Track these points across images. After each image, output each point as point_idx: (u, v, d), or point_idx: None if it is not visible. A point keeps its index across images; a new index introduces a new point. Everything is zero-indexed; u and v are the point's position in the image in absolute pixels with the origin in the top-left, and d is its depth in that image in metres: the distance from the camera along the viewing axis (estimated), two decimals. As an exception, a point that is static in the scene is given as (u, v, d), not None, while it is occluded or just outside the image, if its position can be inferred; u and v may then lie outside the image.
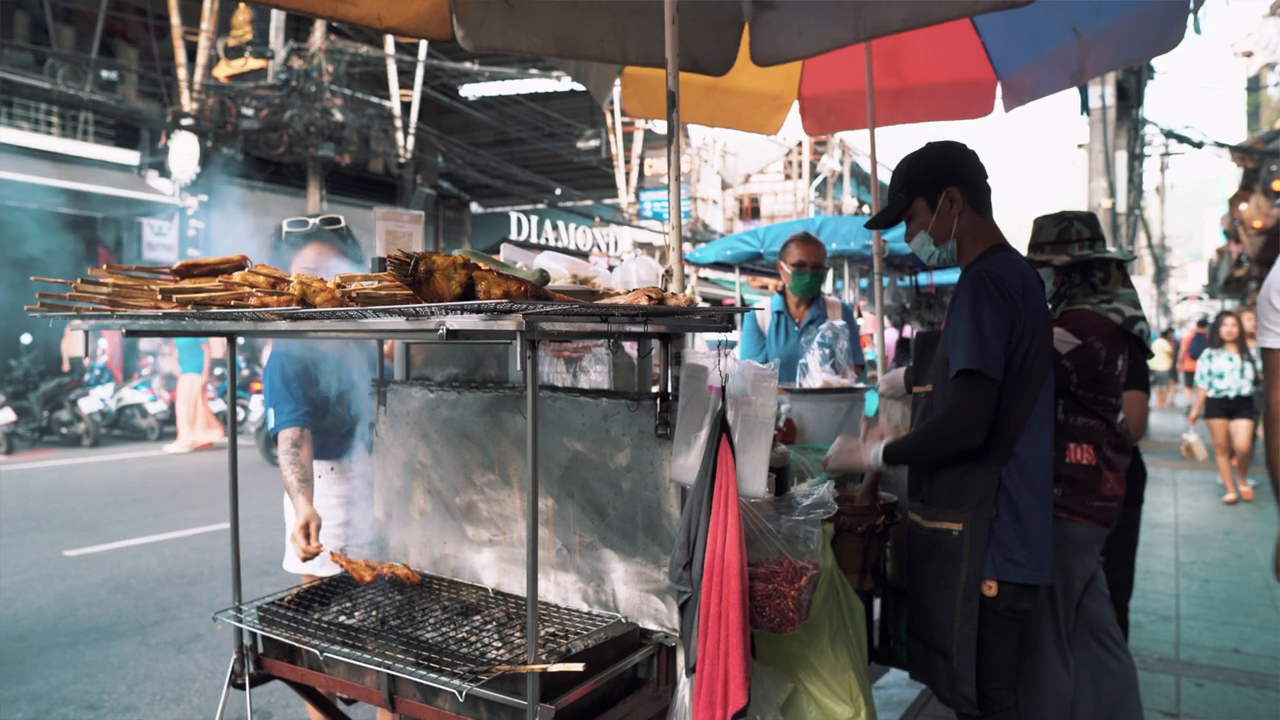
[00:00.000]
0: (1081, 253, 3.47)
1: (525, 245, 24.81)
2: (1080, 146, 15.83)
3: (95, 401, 14.14)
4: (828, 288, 9.57)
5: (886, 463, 2.72)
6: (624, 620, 2.33)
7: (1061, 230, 3.54)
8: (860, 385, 3.95)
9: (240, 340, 2.61)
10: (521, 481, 2.54)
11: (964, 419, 2.49)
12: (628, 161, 28.25)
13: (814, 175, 34.09)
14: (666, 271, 2.38)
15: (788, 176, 34.32)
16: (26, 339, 14.96)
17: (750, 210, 34.79)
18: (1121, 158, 13.97)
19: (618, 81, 4.98)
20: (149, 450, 14.03)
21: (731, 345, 2.94)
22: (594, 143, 28.14)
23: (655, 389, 2.84)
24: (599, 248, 27.68)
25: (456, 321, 1.52)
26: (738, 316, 2.40)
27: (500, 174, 24.58)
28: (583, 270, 2.74)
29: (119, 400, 14.69)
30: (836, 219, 8.55)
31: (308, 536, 2.73)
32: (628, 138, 28.18)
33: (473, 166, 23.83)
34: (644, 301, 1.76)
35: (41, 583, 6.52)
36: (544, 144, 27.62)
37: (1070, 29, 4.44)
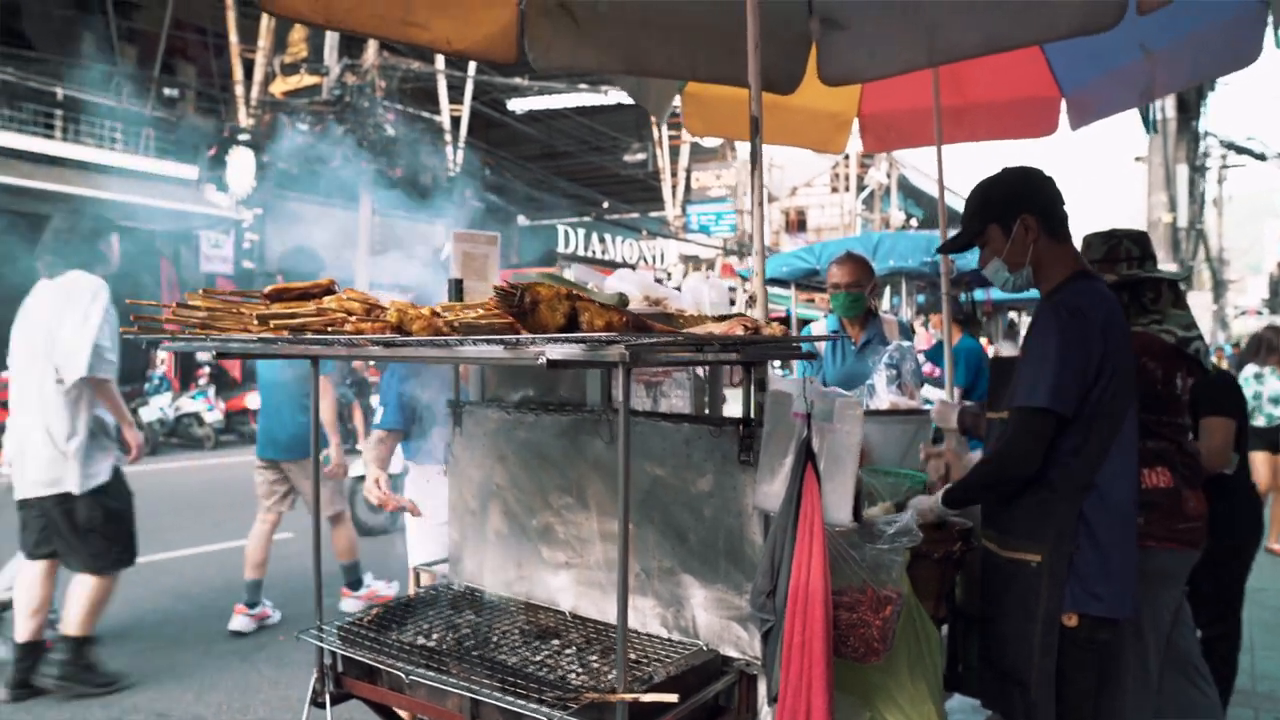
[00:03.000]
0: (1130, 272, 3.40)
1: (573, 258, 24.99)
2: (1138, 159, 15.54)
3: (155, 410, 14.47)
4: (885, 304, 9.51)
5: (949, 507, 2.69)
6: (705, 647, 2.31)
7: (1110, 248, 3.47)
8: (927, 406, 3.91)
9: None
10: (600, 504, 2.54)
11: (1017, 452, 2.48)
12: (674, 175, 28.31)
13: (861, 188, 33.87)
14: (750, 298, 2.38)
15: (834, 189, 34.12)
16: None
17: (797, 223, 34.63)
18: (1182, 171, 13.67)
19: (677, 99, 4.99)
20: (207, 459, 14.31)
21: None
22: (640, 156, 28.28)
23: (725, 407, 2.84)
24: (645, 260, 27.74)
25: (557, 351, 1.53)
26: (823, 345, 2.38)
27: (548, 187, 24.77)
28: (655, 291, 2.74)
29: (177, 409, 15.02)
30: (894, 236, 8.49)
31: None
32: (674, 151, 28.25)
33: (520, 180, 24.06)
34: (740, 331, 1.75)
35: (107, 590, 6.66)
36: (590, 157, 27.81)
37: (1139, 46, 4.35)
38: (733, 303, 3.15)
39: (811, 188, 34.60)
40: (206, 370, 15.76)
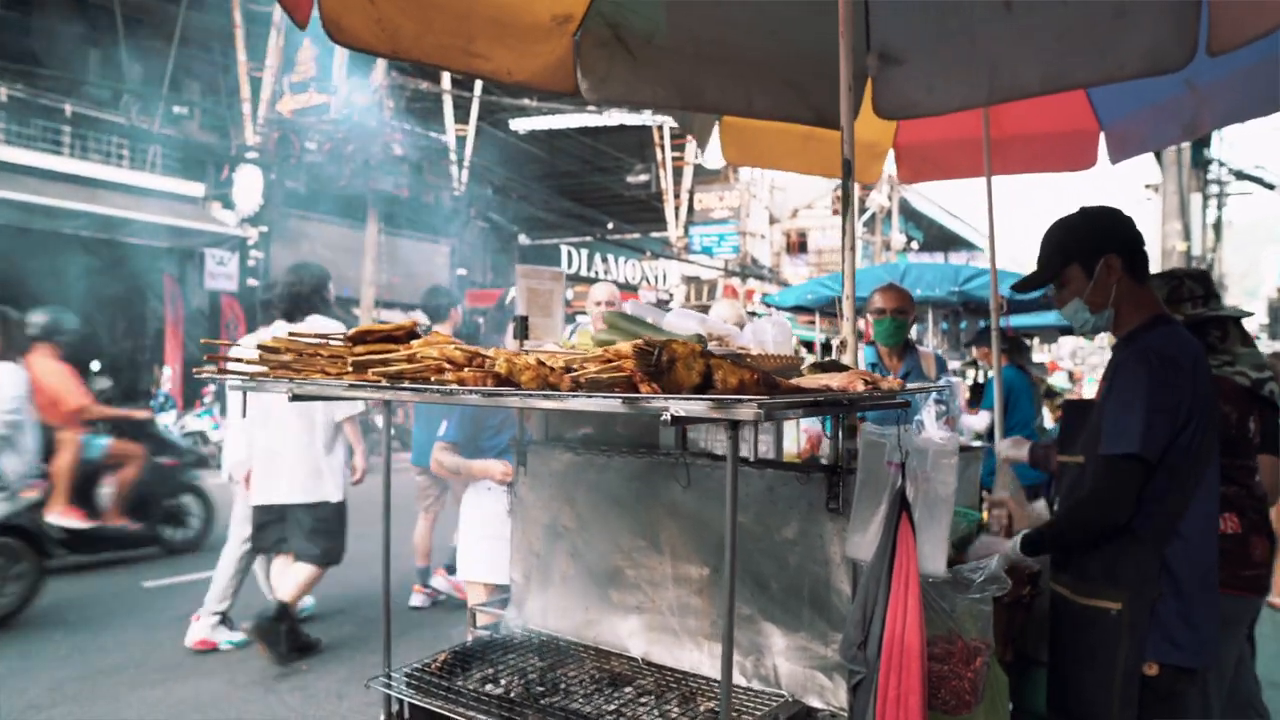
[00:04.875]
0: (1195, 311, 3.36)
1: (576, 278, 24.99)
2: (1148, 187, 15.56)
3: (160, 428, 14.31)
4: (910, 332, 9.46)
5: (1026, 553, 2.64)
6: (791, 698, 2.26)
7: (1172, 289, 3.42)
8: (976, 444, 3.88)
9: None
10: (674, 549, 2.49)
11: (1107, 501, 2.44)
12: (677, 196, 28.37)
13: (863, 210, 33.96)
14: (841, 342, 2.34)
15: (836, 211, 34.15)
16: (95, 366, 15.24)
17: (798, 245, 34.69)
18: (1195, 200, 13.67)
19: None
20: (213, 477, 14.16)
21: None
22: (643, 177, 28.35)
23: (788, 446, 2.79)
24: (647, 281, 27.75)
25: (682, 408, 1.49)
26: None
27: (551, 207, 24.81)
28: (718, 329, 2.70)
29: (182, 427, 14.87)
30: (920, 265, 8.49)
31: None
32: (677, 172, 28.33)
33: (525, 200, 24.09)
34: (860, 386, 1.72)
35: (124, 614, 6.57)
36: (594, 178, 27.86)
37: (1183, 81, 4.34)
38: (740, 325, 3.12)
39: (813, 210, 34.70)
40: (213, 389, 15.63)
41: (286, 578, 5.54)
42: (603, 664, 2.56)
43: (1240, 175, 16.28)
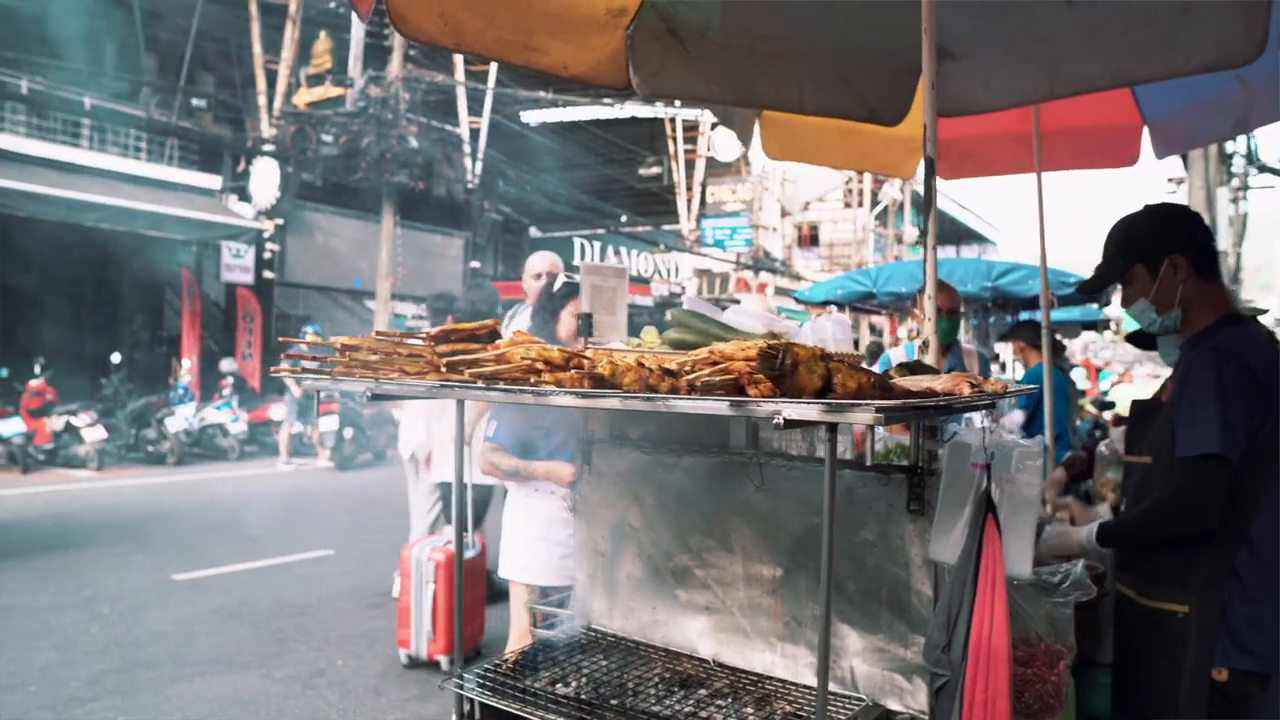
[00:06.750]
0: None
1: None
2: (1171, 180, 15.46)
3: (180, 420, 14.38)
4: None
5: (1101, 544, 2.62)
6: (871, 702, 2.24)
7: None
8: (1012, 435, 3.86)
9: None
10: (744, 549, 2.47)
11: (1194, 502, 2.39)
12: (689, 189, 28.31)
13: (875, 203, 33.85)
14: (924, 343, 2.31)
15: (847, 204, 34.09)
16: (116, 358, 15.28)
17: (809, 238, 34.60)
18: (1221, 194, 13.55)
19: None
20: (231, 470, 14.24)
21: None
22: (655, 170, 28.31)
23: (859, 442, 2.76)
24: (660, 274, 27.71)
25: (795, 411, 1.47)
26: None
27: (564, 199, 24.79)
28: (777, 326, 2.68)
29: (201, 420, 14.94)
30: (953, 260, 8.46)
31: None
32: (689, 165, 28.26)
33: (539, 192, 24.07)
34: (966, 389, 1.69)
35: (157, 607, 6.59)
36: (606, 170, 27.83)
37: (1234, 75, 4.29)
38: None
39: (824, 203, 34.59)
40: (230, 381, 15.69)
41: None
42: (672, 665, 2.54)
43: (1263, 169, 16.14)
